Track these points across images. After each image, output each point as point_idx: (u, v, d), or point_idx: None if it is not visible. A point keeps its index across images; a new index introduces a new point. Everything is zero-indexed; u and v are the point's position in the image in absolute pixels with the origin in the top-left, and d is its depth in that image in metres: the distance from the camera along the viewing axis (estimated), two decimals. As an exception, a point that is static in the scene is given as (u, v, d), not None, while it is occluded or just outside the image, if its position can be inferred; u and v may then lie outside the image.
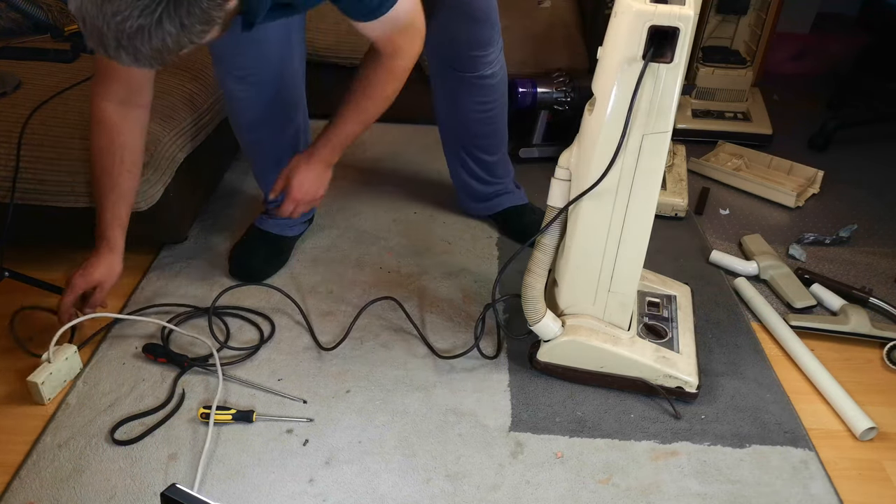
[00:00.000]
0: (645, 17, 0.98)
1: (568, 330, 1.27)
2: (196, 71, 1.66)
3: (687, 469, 1.16)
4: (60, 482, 1.10)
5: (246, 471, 1.13)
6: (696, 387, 1.25)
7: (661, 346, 1.29)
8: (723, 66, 2.26)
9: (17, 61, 1.62)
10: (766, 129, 2.24)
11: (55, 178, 1.41)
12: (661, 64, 1.01)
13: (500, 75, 1.56)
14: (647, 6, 0.98)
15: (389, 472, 1.14)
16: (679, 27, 0.98)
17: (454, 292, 1.54)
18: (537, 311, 1.24)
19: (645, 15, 0.98)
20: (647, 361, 1.25)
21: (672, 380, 1.25)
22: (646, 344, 1.29)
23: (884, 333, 1.43)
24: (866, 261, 1.71)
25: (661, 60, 1.01)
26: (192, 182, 1.65)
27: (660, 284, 1.44)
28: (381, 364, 1.34)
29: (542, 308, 1.24)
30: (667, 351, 1.28)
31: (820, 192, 2.00)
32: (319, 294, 1.52)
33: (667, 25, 0.98)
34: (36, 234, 1.58)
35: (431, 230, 1.76)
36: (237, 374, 1.30)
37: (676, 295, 1.43)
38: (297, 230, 1.65)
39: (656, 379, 1.26)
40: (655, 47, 0.99)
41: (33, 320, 1.40)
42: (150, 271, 1.56)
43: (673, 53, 1.00)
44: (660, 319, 1.35)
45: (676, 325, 1.35)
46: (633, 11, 0.98)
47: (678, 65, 1.01)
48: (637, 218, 1.16)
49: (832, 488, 1.14)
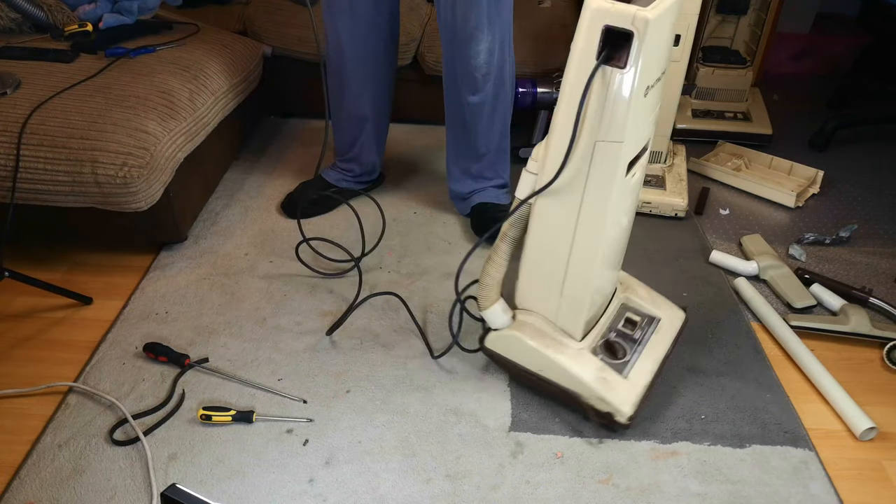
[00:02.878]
0: (600, 16, 0.91)
1: (515, 324, 1.24)
2: (196, 71, 1.66)
3: (687, 469, 1.16)
4: (60, 482, 1.10)
5: (246, 471, 1.13)
6: (628, 418, 1.15)
7: (609, 367, 1.19)
8: (723, 66, 2.26)
9: (17, 61, 1.62)
10: (766, 129, 2.23)
11: (55, 178, 1.41)
12: (614, 68, 0.92)
13: (492, 74, 1.55)
14: (604, 3, 0.91)
15: (389, 472, 1.14)
16: (633, 31, 0.89)
17: (454, 292, 1.54)
18: (488, 298, 1.22)
19: (600, 13, 0.91)
20: (584, 378, 1.17)
21: (604, 404, 1.16)
22: (592, 360, 1.20)
23: (884, 333, 1.43)
24: (866, 261, 1.71)
25: (614, 64, 0.92)
26: (192, 182, 1.65)
27: (649, 303, 1.33)
28: (382, 364, 1.34)
29: (494, 296, 1.22)
30: (612, 373, 1.19)
31: (820, 192, 2.00)
32: (319, 293, 1.52)
33: (621, 27, 0.90)
34: (36, 234, 1.58)
35: (431, 230, 1.76)
36: (237, 374, 1.30)
37: (661, 318, 1.31)
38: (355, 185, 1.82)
39: (589, 398, 1.17)
40: (610, 49, 0.92)
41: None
42: (150, 271, 1.56)
43: (627, 59, 0.91)
44: (627, 339, 1.25)
45: (642, 349, 1.24)
46: (590, 8, 0.92)
47: (633, 72, 0.92)
48: (589, 224, 1.09)
49: (832, 488, 1.14)
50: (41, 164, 1.40)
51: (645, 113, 1.02)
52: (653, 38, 0.90)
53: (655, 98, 1.05)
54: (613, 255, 1.20)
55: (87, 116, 1.44)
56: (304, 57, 2.10)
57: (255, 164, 2.02)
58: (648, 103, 1.02)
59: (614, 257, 1.22)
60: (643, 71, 0.93)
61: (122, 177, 1.40)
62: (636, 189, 1.16)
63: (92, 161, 1.40)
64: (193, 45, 1.77)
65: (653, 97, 1.03)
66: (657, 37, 0.92)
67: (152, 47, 1.71)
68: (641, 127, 1.04)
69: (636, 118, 0.98)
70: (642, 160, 1.11)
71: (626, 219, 1.19)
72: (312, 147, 2.12)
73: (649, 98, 1.01)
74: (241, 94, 1.85)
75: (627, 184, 1.07)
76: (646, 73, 0.94)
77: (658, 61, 1.00)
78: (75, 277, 1.55)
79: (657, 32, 0.91)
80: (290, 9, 2.11)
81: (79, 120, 1.43)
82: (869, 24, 2.84)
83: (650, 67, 0.96)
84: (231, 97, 1.78)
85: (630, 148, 1.02)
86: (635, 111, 0.97)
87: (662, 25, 0.93)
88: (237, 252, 1.64)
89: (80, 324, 1.42)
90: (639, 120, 1.00)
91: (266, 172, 1.97)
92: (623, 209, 1.13)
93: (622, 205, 1.11)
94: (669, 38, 1.02)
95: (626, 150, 1.00)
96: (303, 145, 2.13)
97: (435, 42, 2.05)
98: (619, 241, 1.20)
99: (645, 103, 1.00)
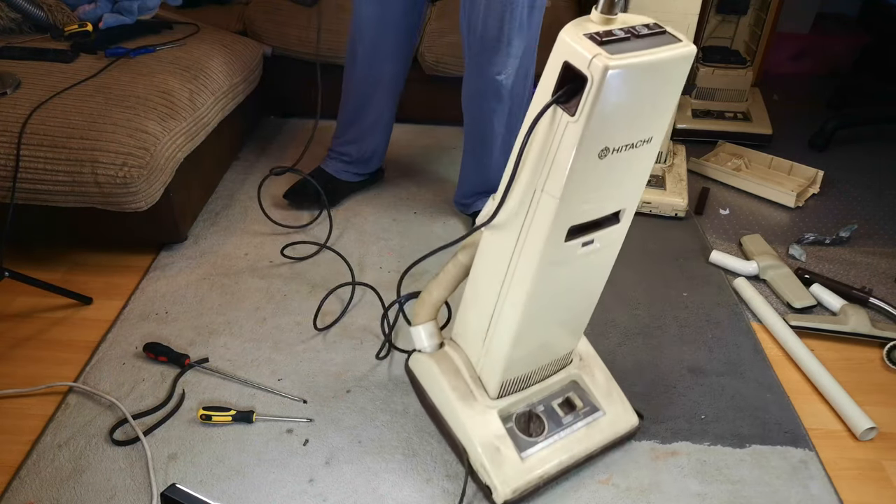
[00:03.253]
0: (564, 48, 0.76)
1: (437, 354, 1.15)
2: (196, 71, 1.66)
3: (687, 469, 1.16)
4: (60, 482, 1.10)
5: (246, 471, 1.13)
6: (504, 502, 1.04)
7: (511, 440, 1.07)
8: (723, 66, 2.26)
9: (17, 61, 1.62)
10: (766, 129, 2.24)
11: (55, 178, 1.41)
12: (565, 113, 0.78)
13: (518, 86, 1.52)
14: (576, 33, 0.76)
15: (389, 472, 1.14)
16: (588, 77, 0.73)
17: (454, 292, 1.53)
18: (419, 316, 1.16)
19: (564, 45, 0.76)
20: (474, 438, 1.07)
21: (485, 474, 1.06)
22: (494, 424, 1.08)
23: (884, 333, 1.43)
24: (866, 261, 1.71)
25: (566, 109, 0.77)
26: (192, 182, 1.65)
27: (601, 393, 1.17)
28: (382, 364, 1.34)
29: (426, 315, 1.15)
30: (510, 447, 1.06)
31: (820, 192, 2.00)
32: (319, 293, 1.52)
33: (578, 69, 0.74)
34: (36, 234, 1.58)
35: (431, 230, 1.76)
36: (237, 374, 1.30)
37: (606, 414, 1.15)
38: (351, 177, 1.83)
39: (474, 462, 1.08)
40: (568, 90, 0.76)
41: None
42: (150, 271, 1.56)
43: (577, 107, 0.75)
44: (553, 418, 1.12)
45: (563, 437, 1.11)
46: (561, 35, 0.77)
47: (581, 125, 0.76)
48: (519, 279, 0.94)
49: (832, 488, 1.14)
50: (41, 164, 1.40)
51: (602, 179, 0.84)
52: (616, 92, 0.74)
53: (625, 165, 0.85)
54: (556, 320, 1.05)
55: (87, 116, 1.44)
56: (304, 57, 2.10)
57: (255, 164, 2.01)
58: (609, 169, 0.83)
59: (558, 323, 1.07)
60: (599, 128, 0.77)
61: (122, 177, 1.40)
62: (597, 263, 0.99)
63: (92, 161, 1.40)
64: (193, 45, 1.77)
65: (619, 163, 0.83)
66: (626, 93, 0.75)
67: (152, 47, 1.71)
68: (596, 192, 0.86)
69: (586, 180, 0.82)
70: (606, 233, 0.94)
71: (579, 288, 1.02)
72: (312, 147, 2.11)
73: (611, 163, 0.82)
74: (241, 94, 1.85)
75: (571, 252, 0.92)
76: (604, 132, 0.78)
77: (631, 124, 0.80)
78: (75, 277, 1.55)
79: (625, 88, 0.75)
80: (290, 9, 2.11)
81: (79, 120, 1.43)
82: (869, 24, 2.84)
83: (613, 127, 0.78)
84: (231, 97, 1.78)
85: (573, 211, 0.86)
86: (584, 172, 0.81)
87: (636, 81, 0.75)
88: (237, 252, 1.64)
89: (80, 324, 1.42)
90: (590, 183, 0.84)
91: (266, 172, 1.97)
92: (566, 278, 0.96)
93: (562, 272, 0.94)
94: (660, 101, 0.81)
95: (567, 213, 0.85)
96: (303, 145, 2.13)
97: (435, 42, 2.05)
98: (567, 307, 1.05)
99: (602, 167, 0.82)
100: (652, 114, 0.81)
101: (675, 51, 0.76)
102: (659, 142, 0.86)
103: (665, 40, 0.77)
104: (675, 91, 0.82)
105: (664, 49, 0.76)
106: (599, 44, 0.73)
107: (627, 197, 0.92)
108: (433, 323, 1.17)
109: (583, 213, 0.88)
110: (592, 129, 0.76)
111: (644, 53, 0.74)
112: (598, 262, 1.00)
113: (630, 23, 0.77)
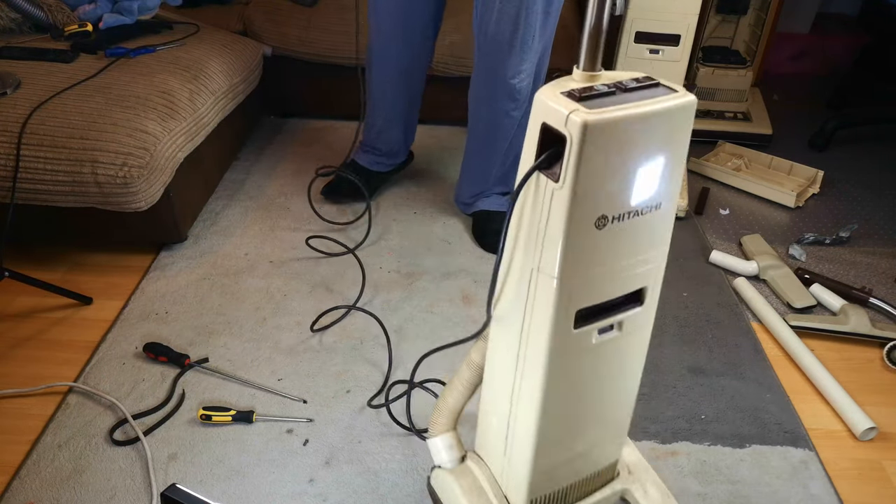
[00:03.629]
0: (541, 107, 0.68)
1: (458, 470, 0.99)
2: (196, 71, 1.66)
3: (687, 469, 1.16)
4: (60, 482, 1.10)
5: (246, 471, 1.13)
6: None
7: None
8: (723, 66, 2.26)
9: (17, 61, 1.62)
10: (766, 129, 2.24)
11: (55, 178, 1.41)
12: (549, 180, 0.68)
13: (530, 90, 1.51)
14: (550, 94, 0.67)
15: (389, 472, 1.14)
16: (567, 136, 0.64)
17: (454, 292, 1.54)
18: (435, 426, 1.00)
19: (542, 104, 0.67)
20: None
21: None
22: None
23: (884, 333, 1.43)
24: (866, 261, 1.71)
25: (549, 175, 0.68)
26: (192, 182, 1.65)
27: None
28: (382, 364, 1.34)
29: (443, 426, 0.99)
30: None
31: (820, 192, 2.00)
32: (319, 293, 1.52)
33: (556, 129, 0.66)
34: (36, 234, 1.58)
35: (431, 230, 1.76)
36: (237, 374, 1.30)
37: None
38: (383, 167, 1.85)
39: None
40: (550, 155, 0.67)
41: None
42: (150, 271, 1.56)
43: (559, 172, 0.67)
44: None
45: None
46: (536, 97, 0.69)
47: (569, 191, 0.66)
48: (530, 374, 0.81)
49: (832, 488, 1.14)
50: (41, 164, 1.40)
51: (605, 253, 0.72)
52: (602, 151, 0.65)
53: (632, 235, 0.73)
54: (586, 422, 0.89)
55: (87, 116, 1.44)
56: (304, 57, 2.10)
57: (255, 164, 2.02)
58: (613, 241, 0.72)
59: (590, 426, 0.90)
60: (590, 194, 0.67)
61: (122, 177, 1.40)
62: (625, 352, 0.84)
63: (92, 161, 1.40)
64: (193, 45, 1.77)
65: (623, 234, 0.72)
66: (615, 152, 0.66)
67: (152, 47, 1.71)
68: (601, 269, 0.74)
69: (586, 256, 0.71)
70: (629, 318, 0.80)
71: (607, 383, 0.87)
72: (312, 147, 2.12)
73: (613, 234, 0.71)
74: (241, 94, 1.85)
75: (585, 341, 0.78)
76: (596, 197, 0.68)
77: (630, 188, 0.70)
78: (75, 277, 1.55)
79: (612, 145, 0.65)
80: (290, 9, 2.11)
81: (79, 120, 1.43)
82: (869, 24, 2.84)
83: (606, 192, 0.68)
84: (231, 97, 1.78)
85: (577, 293, 0.74)
86: (582, 246, 0.70)
87: (624, 137, 0.66)
88: (237, 252, 1.64)
89: (80, 324, 1.42)
90: (592, 259, 0.72)
91: (266, 172, 1.97)
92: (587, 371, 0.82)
93: (580, 365, 0.81)
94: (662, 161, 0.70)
95: (570, 294, 0.73)
96: (303, 145, 2.13)
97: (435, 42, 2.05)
98: (597, 406, 0.89)
99: (603, 240, 0.71)
100: (654, 176, 0.71)
101: (670, 102, 0.67)
102: (671, 208, 0.75)
103: (657, 92, 0.69)
104: (677, 149, 0.71)
105: (656, 101, 0.67)
106: (578, 100, 0.66)
107: (647, 273, 0.78)
108: (452, 434, 1.00)
109: (590, 294, 0.75)
110: (581, 195, 0.67)
111: (631, 106, 0.65)
112: (627, 351, 0.84)
113: (617, 78, 0.70)
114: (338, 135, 2.18)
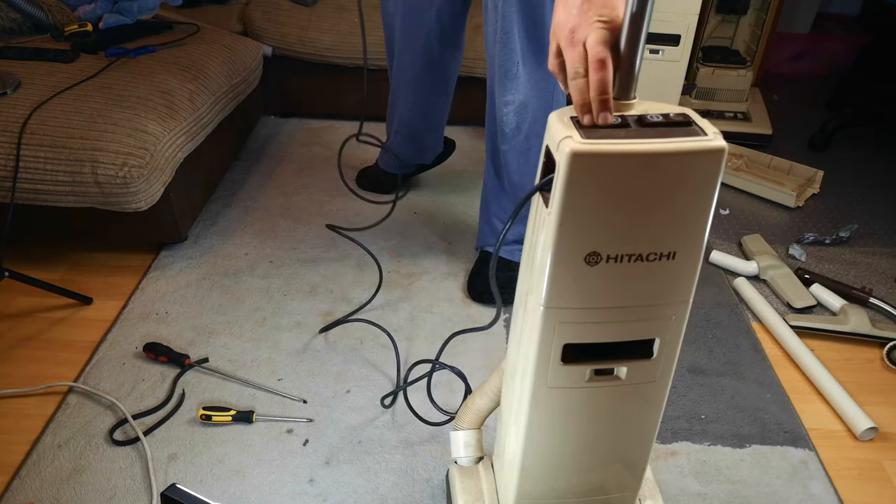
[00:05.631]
0: (549, 129, 0.66)
1: (467, 468, 1.02)
2: (196, 71, 1.66)
3: (687, 469, 1.16)
4: (60, 482, 1.10)
5: (246, 471, 1.13)
6: None
7: None
8: (723, 66, 2.26)
9: (17, 61, 1.62)
10: (766, 129, 2.24)
11: (55, 178, 1.41)
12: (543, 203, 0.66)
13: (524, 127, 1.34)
14: (560, 116, 0.65)
15: (389, 472, 1.14)
16: (556, 162, 0.62)
17: (454, 292, 1.54)
18: (461, 420, 1.02)
19: (549, 126, 0.66)
20: None
21: None
22: None
23: (884, 333, 1.43)
24: (866, 261, 1.71)
25: (544, 198, 0.66)
26: (192, 182, 1.65)
27: None
28: (382, 364, 1.34)
29: (468, 422, 1.01)
30: None
31: (820, 192, 2.00)
32: (319, 293, 1.52)
33: (552, 153, 0.64)
34: (36, 234, 1.58)
35: (431, 230, 1.76)
36: (237, 374, 1.30)
37: None
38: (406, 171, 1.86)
39: None
40: (551, 179, 0.64)
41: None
42: (150, 271, 1.57)
43: (549, 197, 0.64)
44: None
45: None
46: (549, 116, 0.67)
47: (556, 219, 0.63)
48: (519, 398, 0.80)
49: (832, 488, 1.14)
50: (41, 164, 1.40)
51: (598, 292, 0.68)
52: (592, 184, 0.61)
53: (634, 281, 0.68)
54: (574, 459, 0.84)
55: (87, 116, 1.44)
56: (304, 57, 2.10)
57: (255, 164, 2.02)
58: (608, 282, 0.67)
59: (579, 462, 0.85)
60: (577, 226, 0.63)
61: (122, 177, 1.40)
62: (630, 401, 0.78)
63: (92, 161, 1.40)
64: (193, 45, 1.77)
65: (622, 277, 0.67)
66: (610, 188, 0.61)
67: (152, 47, 1.71)
68: (593, 308, 0.69)
69: (575, 290, 0.67)
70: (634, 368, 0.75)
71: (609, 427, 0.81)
72: (312, 147, 2.12)
73: (609, 275, 0.66)
74: (241, 94, 1.85)
75: (577, 379, 0.74)
76: (586, 231, 0.64)
77: (632, 229, 0.64)
78: (75, 277, 1.55)
79: (607, 180, 0.61)
80: (290, 9, 2.11)
81: (79, 120, 1.43)
82: (869, 24, 2.84)
83: (599, 229, 0.64)
84: (231, 97, 1.78)
85: (566, 327, 0.70)
86: (570, 279, 0.66)
87: (623, 174, 0.61)
88: (237, 252, 1.64)
89: (80, 324, 1.42)
90: (581, 295, 0.68)
91: (266, 172, 1.97)
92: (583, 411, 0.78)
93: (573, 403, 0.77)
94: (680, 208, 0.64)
95: (557, 326, 0.70)
96: (303, 145, 2.13)
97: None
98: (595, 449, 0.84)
99: (595, 278, 0.66)
100: (668, 222, 0.64)
101: (686, 144, 0.60)
102: (691, 260, 0.69)
103: (682, 132, 0.62)
104: (699, 198, 0.63)
105: (671, 141, 0.60)
106: (581, 126, 0.62)
107: (657, 326, 0.72)
108: (475, 433, 1.02)
109: (580, 331, 0.71)
110: (568, 226, 0.63)
111: (638, 143, 0.59)
112: (633, 400, 0.79)
113: (649, 111, 0.64)
114: (338, 134, 2.18)
